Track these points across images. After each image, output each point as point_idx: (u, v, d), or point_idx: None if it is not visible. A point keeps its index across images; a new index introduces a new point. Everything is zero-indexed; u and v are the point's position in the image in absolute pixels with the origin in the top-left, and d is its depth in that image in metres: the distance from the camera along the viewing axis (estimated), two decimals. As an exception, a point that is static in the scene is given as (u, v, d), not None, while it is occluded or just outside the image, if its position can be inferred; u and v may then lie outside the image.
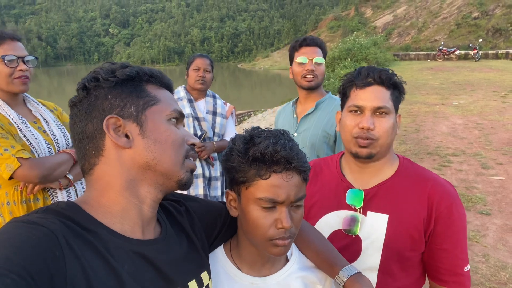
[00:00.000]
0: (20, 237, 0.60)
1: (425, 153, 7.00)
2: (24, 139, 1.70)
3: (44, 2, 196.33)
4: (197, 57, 2.78)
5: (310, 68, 2.11)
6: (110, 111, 0.76)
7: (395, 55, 33.64)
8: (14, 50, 1.70)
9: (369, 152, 1.21)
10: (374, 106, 1.19)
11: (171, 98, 0.83)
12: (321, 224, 1.32)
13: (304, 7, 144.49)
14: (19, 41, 1.76)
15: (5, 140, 1.60)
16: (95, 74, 0.77)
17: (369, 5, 61.57)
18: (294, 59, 2.19)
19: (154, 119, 0.77)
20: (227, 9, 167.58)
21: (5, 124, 1.68)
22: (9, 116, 1.70)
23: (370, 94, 1.21)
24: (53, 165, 1.69)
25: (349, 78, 1.28)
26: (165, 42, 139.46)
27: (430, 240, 1.21)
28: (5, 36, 1.71)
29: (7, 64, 1.67)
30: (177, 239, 0.86)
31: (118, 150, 0.75)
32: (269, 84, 12.27)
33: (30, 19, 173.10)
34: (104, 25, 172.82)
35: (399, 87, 1.25)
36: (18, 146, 1.63)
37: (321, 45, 2.19)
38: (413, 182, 1.25)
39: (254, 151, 0.87)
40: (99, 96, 0.75)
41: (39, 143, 1.74)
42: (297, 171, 0.88)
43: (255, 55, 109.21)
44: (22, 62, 1.71)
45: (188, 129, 2.67)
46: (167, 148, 0.77)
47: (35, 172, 1.60)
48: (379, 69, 1.24)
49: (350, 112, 1.25)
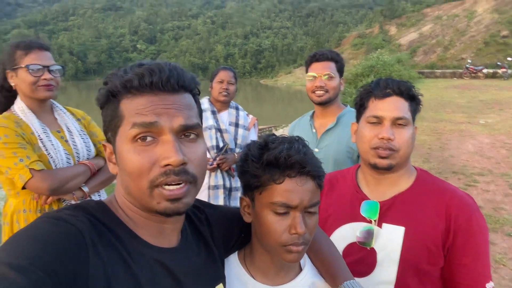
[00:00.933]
0: (49, 234, 0.61)
1: (450, 172, 6.82)
2: (43, 149, 1.73)
3: (76, 19, 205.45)
4: (221, 69, 2.86)
5: (319, 84, 2.12)
6: (105, 135, 0.77)
7: (420, 72, 33.13)
8: (40, 60, 1.74)
9: (389, 163, 1.20)
10: (393, 117, 1.19)
11: (140, 107, 0.69)
12: (336, 236, 1.31)
13: (328, 25, 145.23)
14: (47, 51, 1.80)
15: (23, 150, 1.63)
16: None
17: (393, 23, 61.27)
18: (306, 74, 2.23)
19: (121, 143, 0.71)
20: (251, 26, 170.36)
21: (26, 133, 1.71)
22: (32, 125, 1.74)
23: (390, 105, 1.20)
24: (66, 178, 1.70)
25: (367, 89, 1.28)
26: (190, 58, 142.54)
27: (449, 254, 1.18)
28: (33, 45, 1.75)
29: (31, 73, 1.71)
30: (196, 247, 0.85)
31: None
32: (290, 100, 12.32)
33: (63, 34, 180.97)
34: (133, 41, 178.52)
35: (416, 99, 1.25)
36: (33, 157, 1.64)
37: (334, 59, 2.16)
38: (431, 193, 1.23)
39: (268, 156, 0.88)
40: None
41: (57, 153, 1.75)
42: (311, 176, 0.89)
43: (277, 71, 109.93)
44: (47, 71, 1.74)
45: (211, 140, 2.72)
46: (127, 177, 0.71)
47: (46, 184, 1.62)
48: (398, 81, 1.24)
49: (368, 123, 1.25)
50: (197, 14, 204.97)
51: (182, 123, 0.70)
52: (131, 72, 0.70)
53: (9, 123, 1.68)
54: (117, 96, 0.71)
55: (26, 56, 1.72)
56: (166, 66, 0.72)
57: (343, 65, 2.23)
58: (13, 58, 1.72)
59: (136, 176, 0.68)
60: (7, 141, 1.62)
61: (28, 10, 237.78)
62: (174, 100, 0.71)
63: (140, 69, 0.70)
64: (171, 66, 0.73)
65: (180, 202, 0.70)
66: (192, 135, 0.72)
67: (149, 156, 0.68)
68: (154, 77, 0.69)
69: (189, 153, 0.70)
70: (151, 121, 0.68)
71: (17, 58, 1.72)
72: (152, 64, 0.72)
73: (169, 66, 0.72)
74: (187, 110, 0.72)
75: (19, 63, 1.71)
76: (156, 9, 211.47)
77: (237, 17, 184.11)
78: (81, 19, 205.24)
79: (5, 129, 1.64)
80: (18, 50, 1.73)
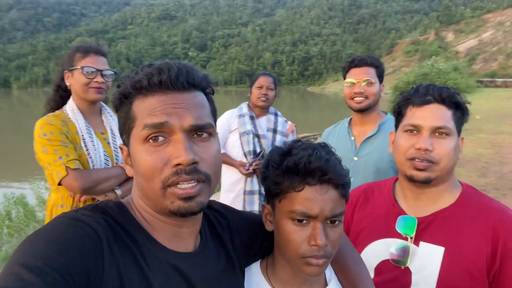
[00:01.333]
0: (66, 235, 0.61)
1: (508, 188, 6.28)
2: (84, 148, 1.79)
3: (134, 27, 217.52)
4: (261, 75, 2.85)
5: (358, 91, 2.01)
6: (121, 138, 0.77)
7: (479, 81, 31.23)
8: (96, 63, 1.83)
9: (427, 176, 1.10)
10: (433, 126, 1.09)
11: (150, 108, 0.69)
12: (368, 252, 1.22)
13: (379, 31, 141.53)
14: (104, 56, 1.90)
15: (64, 148, 1.70)
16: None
17: (451, 29, 58.37)
18: (345, 80, 2.13)
19: (134, 144, 0.71)
20: (300, 33, 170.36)
21: (71, 132, 1.78)
22: (78, 125, 1.82)
23: (429, 113, 1.11)
24: (99, 179, 1.74)
25: (405, 96, 1.19)
26: (238, 64, 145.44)
27: (495, 281, 1.05)
28: (91, 50, 1.85)
29: (85, 75, 1.80)
30: (215, 253, 0.83)
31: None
32: (338, 108, 12.10)
33: (122, 43, 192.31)
34: (184, 48, 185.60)
35: (462, 107, 1.13)
36: (72, 156, 1.70)
37: (374, 64, 2.06)
38: (476, 212, 1.11)
39: (288, 162, 0.84)
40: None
41: (97, 154, 1.81)
42: (333, 184, 0.83)
43: (325, 78, 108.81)
44: (100, 75, 1.83)
45: (248, 145, 2.72)
46: (141, 178, 0.71)
47: (78, 183, 1.67)
48: (440, 86, 1.14)
49: (405, 132, 1.16)
50: (246, 22, 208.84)
51: (192, 123, 0.69)
52: (141, 73, 0.70)
53: (56, 121, 1.76)
54: (129, 97, 0.71)
55: (83, 59, 1.82)
56: (175, 65, 0.71)
57: (383, 70, 2.12)
58: (72, 59, 1.83)
59: (149, 176, 0.68)
60: (51, 138, 1.72)
61: (90, 20, 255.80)
62: (184, 98, 0.70)
63: (149, 69, 0.70)
64: (181, 65, 0.72)
65: (194, 201, 0.69)
66: (204, 134, 0.72)
67: (160, 156, 0.68)
68: (163, 76, 0.69)
69: (201, 152, 0.70)
70: (161, 122, 0.67)
71: (75, 60, 1.82)
72: (161, 63, 0.72)
73: (178, 65, 0.72)
74: (198, 109, 0.71)
75: (76, 65, 1.82)
76: (208, 17, 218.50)
77: (286, 24, 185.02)
78: (138, 28, 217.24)
79: (51, 126, 1.73)
80: (78, 52, 1.83)
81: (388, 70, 70.44)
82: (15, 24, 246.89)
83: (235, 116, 2.84)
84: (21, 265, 0.55)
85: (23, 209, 4.82)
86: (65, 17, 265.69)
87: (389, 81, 24.50)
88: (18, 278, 0.54)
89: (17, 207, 4.89)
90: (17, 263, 0.56)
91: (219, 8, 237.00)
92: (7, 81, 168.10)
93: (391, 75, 59.54)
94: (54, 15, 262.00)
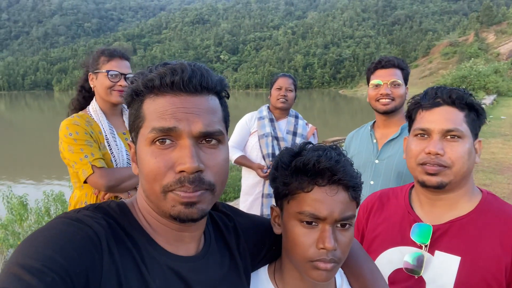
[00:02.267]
0: (65, 236, 0.61)
1: (551, 198, 5.87)
2: (108, 148, 1.84)
3: (168, 32, 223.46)
4: (280, 76, 2.81)
5: (385, 92, 1.96)
6: (130, 135, 0.76)
7: (522, 84, 29.51)
8: (120, 67, 1.88)
9: (439, 181, 1.06)
10: (442, 129, 1.06)
11: (160, 110, 0.68)
12: (382, 260, 1.17)
13: (415, 33, 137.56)
14: (127, 60, 1.94)
15: (89, 147, 1.76)
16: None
17: (492, 30, 55.82)
18: (370, 81, 2.07)
19: (140, 144, 0.70)
20: (332, 36, 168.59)
21: (95, 132, 1.83)
22: (101, 125, 1.88)
23: (438, 116, 1.08)
24: (123, 177, 1.78)
25: (415, 100, 1.15)
26: (269, 67, 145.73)
27: None
28: (115, 54, 1.90)
29: (110, 78, 1.85)
30: (219, 257, 0.81)
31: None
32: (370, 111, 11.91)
33: (156, 46, 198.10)
34: (217, 52, 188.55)
35: (476, 108, 1.09)
36: (97, 155, 1.75)
37: (400, 66, 2.02)
38: (496, 220, 1.06)
39: (297, 161, 0.83)
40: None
41: (120, 153, 1.86)
42: (343, 185, 0.81)
43: (357, 81, 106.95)
44: (123, 78, 1.88)
45: (267, 148, 2.68)
46: (143, 179, 0.70)
47: (104, 181, 1.72)
48: (450, 88, 1.10)
49: (415, 137, 1.12)
50: (278, 25, 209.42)
51: (201, 129, 0.67)
52: (155, 72, 0.69)
53: (81, 121, 1.82)
54: (140, 95, 0.70)
55: (108, 63, 1.87)
56: (190, 66, 0.69)
57: (408, 72, 2.08)
58: (97, 62, 1.88)
59: (151, 179, 0.67)
60: (77, 138, 1.78)
61: (127, 25, 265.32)
62: (195, 102, 0.68)
63: (163, 68, 0.68)
64: (195, 66, 0.70)
65: (195, 207, 0.67)
66: (213, 141, 0.70)
67: (165, 160, 0.66)
68: (175, 76, 0.67)
69: (207, 160, 0.68)
70: (170, 127, 0.66)
71: (100, 63, 1.88)
72: (176, 63, 0.69)
73: (192, 66, 0.69)
74: (208, 115, 0.69)
75: (100, 68, 1.87)
76: (240, 21, 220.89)
77: (318, 27, 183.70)
78: (172, 32, 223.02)
79: (77, 127, 1.79)
80: (103, 56, 1.88)
81: (425, 72, 67.94)
82: (57, 30, 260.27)
83: (255, 119, 2.82)
84: (20, 266, 0.55)
85: (61, 206, 5.00)
86: (103, 22, 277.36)
87: (426, 84, 23.66)
88: (17, 279, 0.54)
89: (56, 204, 5.07)
90: (16, 264, 0.56)
91: (251, 11, 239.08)
92: (49, 83, 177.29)
93: (428, 78, 57.46)
94: (94, 21, 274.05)
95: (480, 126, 1.13)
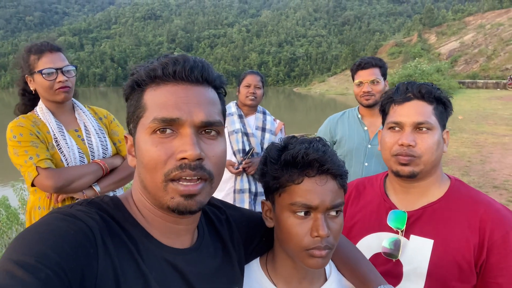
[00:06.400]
0: (59, 232, 0.61)
1: (490, 186, 6.44)
2: (57, 147, 1.73)
3: (118, 27, 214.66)
4: (248, 74, 2.84)
5: (366, 90, 2.30)
6: (127, 127, 0.76)
7: (461, 82, 31.94)
8: (53, 62, 1.72)
9: (411, 170, 1.14)
10: (414, 122, 1.13)
11: (163, 99, 0.68)
12: (361, 246, 1.24)
13: (364, 33, 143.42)
14: (59, 51, 1.78)
15: (34, 148, 1.66)
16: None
17: (433, 31, 59.51)
18: (354, 80, 2.41)
19: (140, 134, 0.70)
20: (285, 34, 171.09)
21: (42, 132, 1.73)
22: (49, 124, 1.76)
23: (409, 109, 1.15)
24: (73, 177, 1.68)
25: (388, 95, 1.23)
26: (225, 65, 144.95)
27: (483, 272, 1.08)
28: (44, 48, 1.73)
29: (46, 78, 1.71)
30: (212, 249, 0.83)
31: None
32: (324, 109, 12.15)
33: (105, 42, 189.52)
34: (170, 48, 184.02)
35: (443, 101, 1.17)
36: (42, 155, 1.65)
37: (378, 64, 2.34)
38: (464, 205, 1.14)
39: (286, 155, 0.86)
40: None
41: (71, 152, 1.75)
42: (332, 175, 0.84)
43: (311, 79, 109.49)
44: (61, 73, 1.73)
45: (237, 144, 2.71)
46: (143, 169, 0.69)
47: (50, 182, 1.61)
48: (419, 83, 1.18)
49: (389, 129, 1.20)
50: (232, 22, 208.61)
51: (203, 119, 0.68)
52: (157, 62, 0.70)
53: (26, 122, 1.71)
54: (141, 85, 0.70)
55: (39, 61, 1.72)
56: (192, 58, 0.71)
57: (386, 68, 2.43)
58: (28, 63, 1.74)
59: (151, 168, 0.67)
60: (21, 140, 1.65)
61: (74, 19, 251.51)
62: (197, 92, 0.70)
63: (165, 59, 0.70)
64: (197, 59, 0.72)
65: (194, 199, 0.68)
66: (213, 132, 0.71)
67: (166, 148, 0.67)
68: (178, 66, 0.68)
69: (207, 150, 0.69)
70: (173, 118, 0.67)
71: (32, 63, 1.73)
72: (178, 55, 0.71)
73: (194, 58, 0.71)
74: (209, 106, 0.70)
75: (34, 68, 1.73)
76: (193, 17, 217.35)
77: (272, 25, 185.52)
78: (122, 27, 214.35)
79: (21, 128, 1.68)
80: (31, 54, 1.74)
81: (373, 71, 71.12)
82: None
83: None
84: (13, 262, 0.55)
85: (5, 212, 4.70)
86: (47, 16, 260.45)
87: (374, 82, 24.72)
88: (10, 275, 0.53)
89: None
90: (9, 260, 0.55)
91: (205, 8, 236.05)
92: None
93: (376, 76, 59.91)
94: (36, 14, 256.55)
95: (447, 117, 1.20)
